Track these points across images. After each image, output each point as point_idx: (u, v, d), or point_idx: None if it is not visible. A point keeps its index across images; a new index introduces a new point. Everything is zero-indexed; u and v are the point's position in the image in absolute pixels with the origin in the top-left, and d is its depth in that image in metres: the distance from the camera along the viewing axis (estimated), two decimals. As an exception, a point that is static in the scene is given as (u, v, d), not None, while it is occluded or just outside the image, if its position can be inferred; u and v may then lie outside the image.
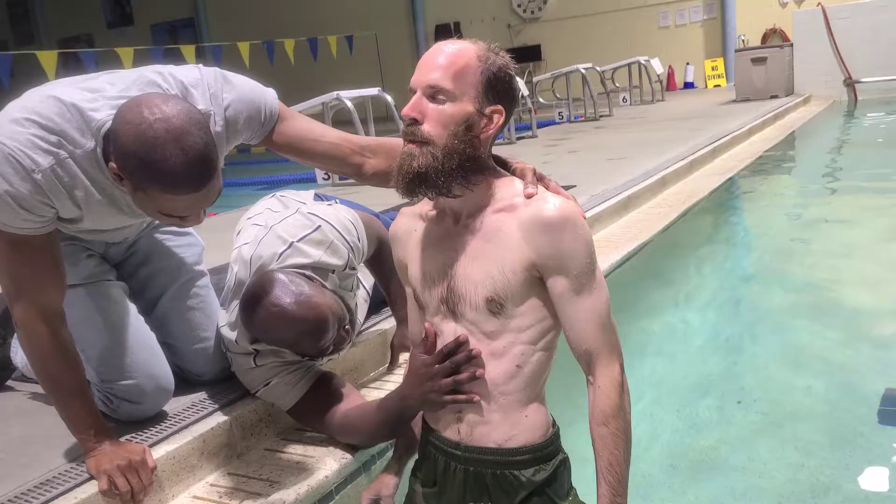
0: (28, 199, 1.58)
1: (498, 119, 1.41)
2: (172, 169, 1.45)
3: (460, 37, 1.45)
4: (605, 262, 3.59)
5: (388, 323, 2.59)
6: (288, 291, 1.77)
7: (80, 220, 1.74)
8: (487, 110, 1.39)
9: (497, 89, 1.40)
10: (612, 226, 4.40)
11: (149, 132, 1.45)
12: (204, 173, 1.50)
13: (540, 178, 1.49)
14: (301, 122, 1.93)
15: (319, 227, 1.97)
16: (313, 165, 2.03)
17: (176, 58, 8.59)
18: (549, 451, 1.49)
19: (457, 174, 1.38)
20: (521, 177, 1.48)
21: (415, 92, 1.40)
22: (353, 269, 2.05)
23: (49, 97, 1.60)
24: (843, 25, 11.32)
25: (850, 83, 11.39)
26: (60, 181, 1.61)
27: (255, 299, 1.78)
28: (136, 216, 1.86)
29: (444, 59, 1.38)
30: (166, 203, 1.53)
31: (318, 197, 2.36)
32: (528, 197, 1.41)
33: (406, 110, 1.38)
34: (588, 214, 4.11)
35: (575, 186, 4.94)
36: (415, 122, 1.38)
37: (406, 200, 1.51)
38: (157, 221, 2.16)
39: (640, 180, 5.11)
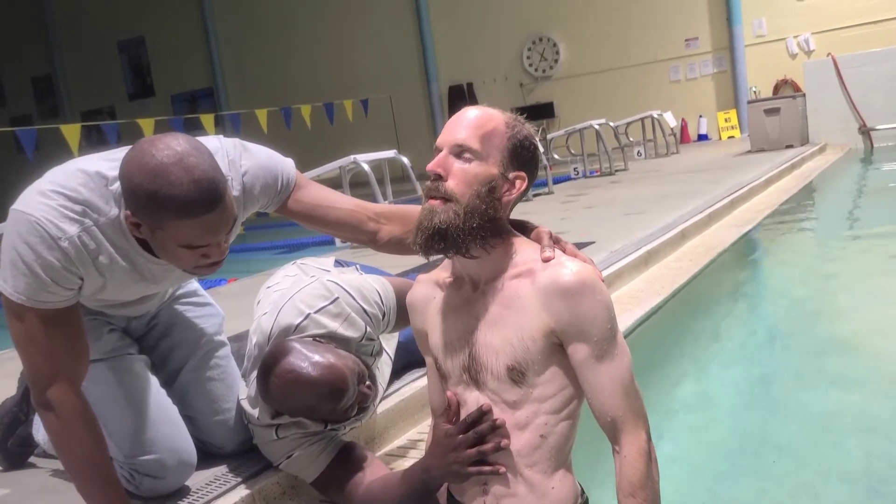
0: (57, 269, 1.60)
1: (520, 185, 1.42)
2: (180, 191, 1.48)
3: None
4: (629, 318, 3.55)
5: (410, 389, 2.56)
6: (301, 357, 1.77)
7: (102, 289, 1.75)
8: (511, 175, 1.41)
9: (521, 157, 1.42)
10: (634, 281, 4.37)
11: (152, 161, 1.49)
12: (212, 191, 1.51)
13: (556, 241, 1.48)
14: (316, 190, 1.95)
15: (337, 299, 1.96)
16: (329, 233, 2.05)
17: (196, 127, 8.77)
18: (578, 522, 1.45)
19: (476, 234, 1.38)
20: (538, 240, 1.48)
21: (440, 151, 1.41)
22: (372, 339, 2.04)
23: (74, 170, 1.66)
24: (854, 74, 11.36)
25: (864, 131, 11.38)
26: (86, 248, 1.63)
27: (269, 371, 1.77)
28: (158, 283, 1.87)
29: (473, 120, 1.40)
30: (182, 232, 1.54)
31: (338, 263, 2.36)
32: (546, 261, 1.40)
33: (431, 166, 1.40)
34: (609, 270, 4.09)
35: (594, 243, 4.92)
36: (439, 178, 1.39)
37: (421, 264, 1.50)
38: (178, 291, 2.18)
39: (659, 234, 5.09)
